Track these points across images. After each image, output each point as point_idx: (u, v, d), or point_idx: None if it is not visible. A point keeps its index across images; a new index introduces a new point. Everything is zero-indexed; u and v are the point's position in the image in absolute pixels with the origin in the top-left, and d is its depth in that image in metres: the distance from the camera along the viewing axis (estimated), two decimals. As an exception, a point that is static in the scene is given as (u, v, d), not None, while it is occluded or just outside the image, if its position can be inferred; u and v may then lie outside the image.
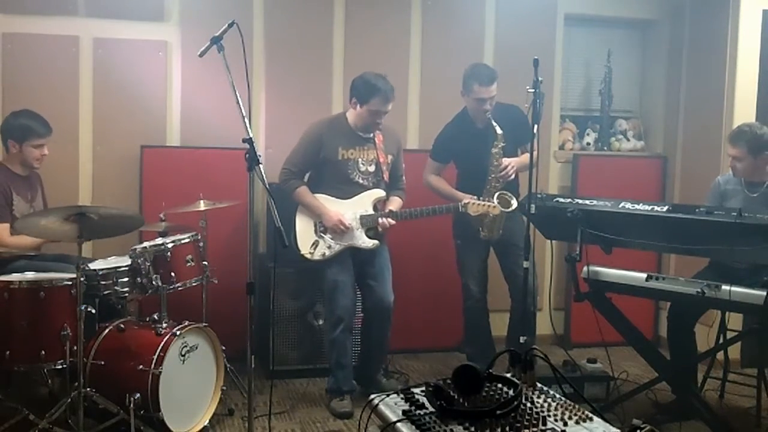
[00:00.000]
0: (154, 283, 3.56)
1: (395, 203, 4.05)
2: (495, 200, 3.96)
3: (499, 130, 4.01)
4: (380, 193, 4.00)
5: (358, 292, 4.16)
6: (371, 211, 3.95)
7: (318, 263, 3.97)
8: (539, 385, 2.20)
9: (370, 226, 3.95)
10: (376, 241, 3.95)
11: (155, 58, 4.69)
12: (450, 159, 4.40)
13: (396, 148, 4.11)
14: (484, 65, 4.38)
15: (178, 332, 3.42)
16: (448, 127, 4.37)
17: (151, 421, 3.29)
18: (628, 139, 5.67)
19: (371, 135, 3.97)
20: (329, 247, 3.93)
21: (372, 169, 3.97)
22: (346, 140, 3.93)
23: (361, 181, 3.96)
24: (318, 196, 3.95)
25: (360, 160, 3.94)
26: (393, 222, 3.92)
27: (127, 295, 3.62)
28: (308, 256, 3.94)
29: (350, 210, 3.92)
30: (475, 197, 4.04)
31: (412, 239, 4.73)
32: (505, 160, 4.08)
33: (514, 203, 3.98)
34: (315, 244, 3.94)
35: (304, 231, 3.96)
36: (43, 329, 3.27)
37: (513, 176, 4.16)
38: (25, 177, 3.92)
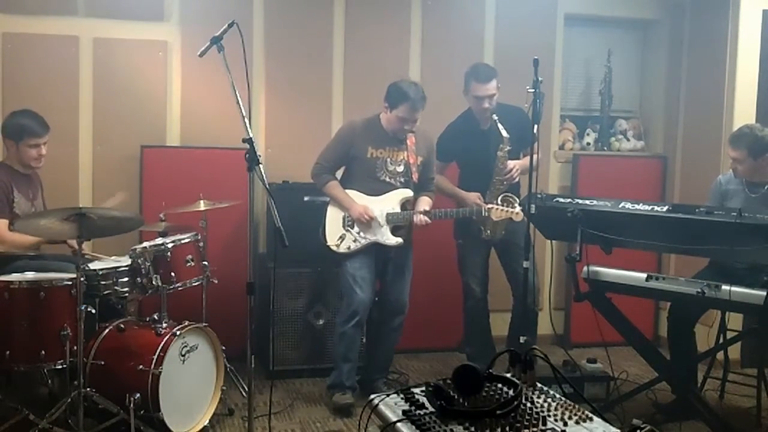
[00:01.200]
0: (154, 283, 3.56)
1: (425, 203, 4.06)
2: (498, 201, 3.99)
3: (505, 133, 4.01)
4: (408, 192, 4.02)
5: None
6: (398, 210, 3.97)
7: (342, 256, 3.99)
8: (539, 385, 2.20)
9: (395, 224, 3.97)
10: (399, 239, 3.97)
11: (155, 58, 4.69)
12: (452, 158, 4.40)
13: (427, 150, 4.12)
14: (483, 64, 4.39)
15: (178, 332, 3.41)
16: (452, 126, 4.38)
17: (151, 421, 3.29)
18: (628, 139, 5.67)
19: (403, 136, 4.00)
20: (355, 241, 3.96)
21: (401, 169, 4.00)
22: (377, 140, 3.98)
23: (388, 179, 3.99)
24: (348, 191, 3.99)
25: (389, 159, 3.98)
26: (429, 221, 3.93)
27: (127, 295, 3.62)
28: (334, 248, 3.98)
29: (377, 207, 3.96)
30: (478, 194, 4.07)
31: (413, 239, 4.72)
32: (510, 163, 4.09)
33: (518, 207, 3.98)
34: (342, 237, 3.98)
35: (332, 223, 4.01)
36: (43, 329, 3.27)
37: (517, 179, 4.17)
38: (27, 175, 3.92)
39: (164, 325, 3.47)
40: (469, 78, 4.17)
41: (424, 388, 2.12)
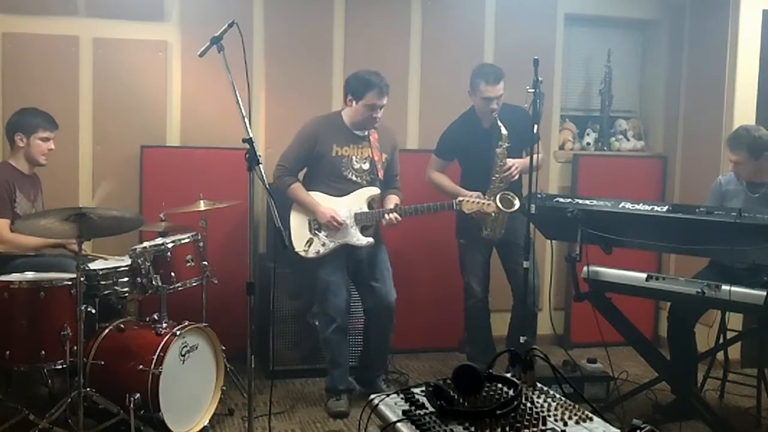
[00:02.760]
0: (154, 283, 3.56)
1: (393, 201, 4.03)
2: (497, 199, 3.97)
3: (504, 131, 4.02)
4: (375, 190, 3.99)
5: (353, 293, 4.16)
6: (366, 209, 3.94)
7: (312, 261, 3.96)
8: (539, 385, 2.20)
9: (365, 223, 3.94)
10: (370, 239, 3.94)
11: (155, 58, 4.69)
12: (454, 157, 4.40)
13: (391, 146, 4.10)
14: (491, 65, 4.39)
15: (178, 332, 3.42)
16: (455, 124, 4.37)
17: (151, 421, 3.29)
18: (628, 139, 5.67)
19: (366, 133, 3.97)
20: (323, 245, 3.92)
21: (366, 166, 3.97)
22: (341, 137, 3.93)
23: (354, 178, 3.95)
24: (312, 193, 3.94)
25: (354, 157, 3.94)
26: (400, 218, 3.90)
27: (127, 295, 3.62)
28: (302, 253, 3.93)
29: (345, 208, 3.92)
30: (479, 194, 4.05)
31: (413, 239, 4.73)
32: (510, 161, 4.09)
33: (517, 203, 3.98)
34: (309, 242, 3.93)
35: (298, 228, 3.95)
36: (43, 329, 3.27)
37: (517, 177, 4.17)
38: (29, 176, 3.92)
39: (164, 325, 3.47)
40: (478, 79, 4.16)
41: (424, 388, 2.12)
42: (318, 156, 3.93)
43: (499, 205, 3.95)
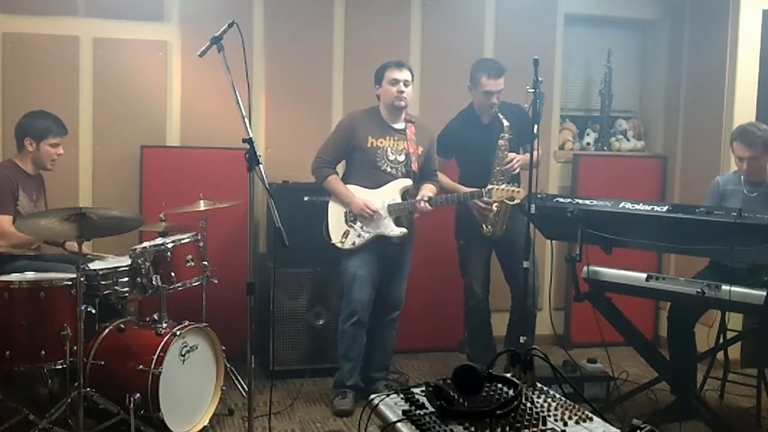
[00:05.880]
0: (154, 283, 3.56)
1: (429, 189, 4.05)
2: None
3: (506, 122, 4.03)
4: (408, 182, 4.01)
5: None
6: (399, 200, 3.97)
7: (345, 253, 3.98)
8: (539, 385, 2.20)
9: (398, 214, 3.96)
10: (404, 229, 3.97)
11: (155, 58, 4.69)
12: (452, 154, 4.40)
13: (428, 140, 4.12)
14: (492, 60, 4.40)
15: (178, 332, 3.42)
16: (454, 122, 4.38)
17: (151, 421, 3.29)
18: (628, 139, 5.67)
19: (403, 126, 4.01)
20: (359, 236, 3.95)
21: (401, 158, 3.99)
22: (377, 129, 3.98)
23: (389, 170, 3.98)
24: (348, 186, 3.98)
25: (389, 149, 3.98)
26: (430, 207, 3.92)
27: (127, 295, 3.62)
28: (339, 245, 3.97)
29: (378, 199, 3.94)
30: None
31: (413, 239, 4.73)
32: (511, 154, 4.10)
33: (519, 195, 3.98)
34: (346, 234, 3.97)
35: (335, 220, 4.00)
36: (43, 329, 3.27)
37: (517, 170, 4.17)
38: (33, 176, 3.92)
39: (164, 325, 3.47)
40: (479, 73, 4.17)
41: (424, 388, 2.12)
42: (354, 148, 3.98)
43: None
